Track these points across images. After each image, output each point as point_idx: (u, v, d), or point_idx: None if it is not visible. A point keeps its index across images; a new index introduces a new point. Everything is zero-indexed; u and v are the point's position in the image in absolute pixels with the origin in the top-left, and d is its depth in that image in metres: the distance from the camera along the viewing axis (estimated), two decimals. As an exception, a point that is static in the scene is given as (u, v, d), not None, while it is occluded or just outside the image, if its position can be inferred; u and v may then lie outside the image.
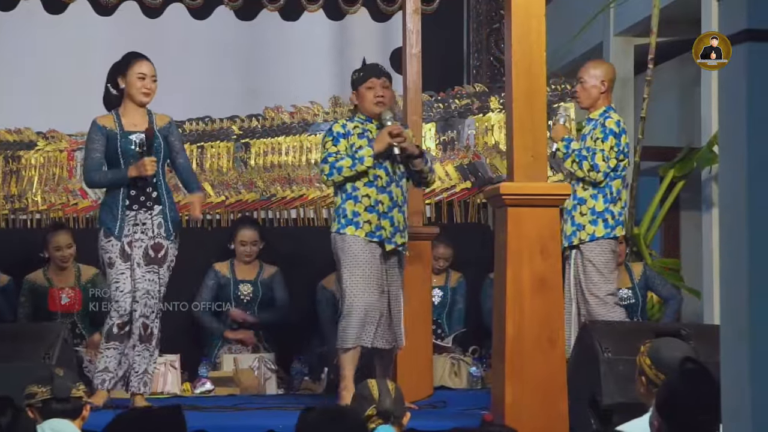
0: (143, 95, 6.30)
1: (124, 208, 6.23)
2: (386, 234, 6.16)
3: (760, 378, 2.82)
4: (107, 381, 6.20)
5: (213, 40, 8.97)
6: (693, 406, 3.39)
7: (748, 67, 2.88)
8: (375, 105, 6.22)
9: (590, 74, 6.81)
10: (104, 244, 6.25)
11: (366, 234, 6.14)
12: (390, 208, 6.19)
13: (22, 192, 8.33)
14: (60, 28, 8.82)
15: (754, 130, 2.86)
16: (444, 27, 9.12)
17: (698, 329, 5.54)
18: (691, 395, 3.40)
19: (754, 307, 2.84)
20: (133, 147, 6.23)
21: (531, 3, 5.42)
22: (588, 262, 6.63)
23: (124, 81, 6.32)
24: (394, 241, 6.19)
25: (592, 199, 6.67)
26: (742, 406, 2.85)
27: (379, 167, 6.19)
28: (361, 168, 6.13)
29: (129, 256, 6.22)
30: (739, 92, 2.90)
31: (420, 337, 6.82)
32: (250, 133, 8.52)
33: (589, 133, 6.76)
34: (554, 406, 5.35)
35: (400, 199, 6.25)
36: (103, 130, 6.27)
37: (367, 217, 6.16)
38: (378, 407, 4.49)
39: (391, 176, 6.22)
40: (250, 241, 7.86)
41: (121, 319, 6.20)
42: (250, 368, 7.37)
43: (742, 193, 2.87)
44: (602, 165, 6.62)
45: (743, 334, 2.86)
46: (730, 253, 2.96)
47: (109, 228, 6.23)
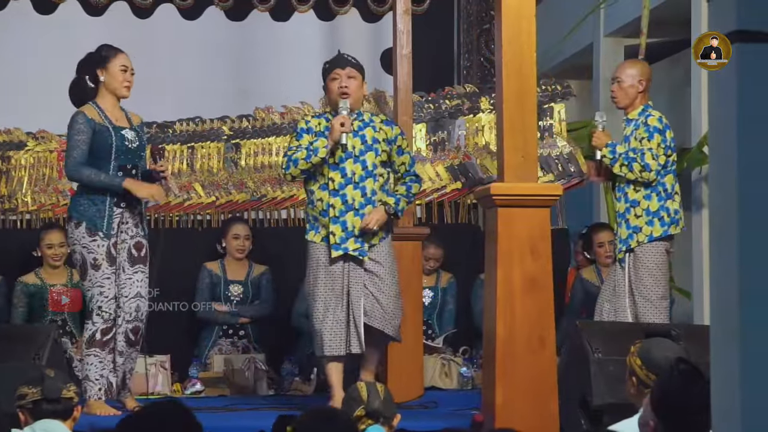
0: (125, 89, 6.17)
1: (113, 205, 6.08)
2: (334, 239, 5.97)
3: (750, 379, 2.82)
4: (89, 390, 6.03)
5: (203, 40, 8.97)
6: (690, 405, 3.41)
7: (738, 68, 2.88)
8: (339, 96, 6.04)
9: (627, 74, 6.72)
10: (88, 242, 6.05)
11: (321, 239, 6.03)
12: (342, 212, 5.99)
13: (11, 192, 8.31)
14: (50, 28, 8.82)
15: (744, 130, 2.87)
16: (434, 27, 9.12)
17: (688, 330, 5.55)
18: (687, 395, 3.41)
19: (744, 308, 2.84)
20: (127, 144, 6.12)
21: (521, 4, 5.43)
22: (641, 265, 6.56)
23: (104, 73, 6.16)
24: (345, 247, 5.98)
25: (645, 200, 6.59)
26: (732, 406, 2.85)
27: (334, 168, 6.01)
28: (316, 159, 5.95)
29: (115, 259, 6.09)
30: (729, 93, 2.90)
31: (410, 337, 6.82)
32: (240, 133, 8.51)
33: (632, 134, 6.67)
34: (545, 407, 5.35)
35: (359, 202, 6.01)
36: (92, 123, 6.09)
37: (322, 221, 6.03)
38: (366, 408, 4.50)
39: (348, 179, 6.01)
40: (243, 235, 7.87)
41: (105, 324, 6.06)
42: (241, 369, 7.36)
43: (732, 193, 2.88)
44: (653, 164, 6.56)
45: (733, 335, 2.86)
46: (720, 254, 2.96)
47: (94, 225, 6.05)
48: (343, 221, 6.00)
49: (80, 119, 6.11)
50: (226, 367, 7.37)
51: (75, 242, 6.12)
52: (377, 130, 6.13)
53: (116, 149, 6.11)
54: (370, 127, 6.13)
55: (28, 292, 7.63)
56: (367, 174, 6.05)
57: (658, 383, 3.59)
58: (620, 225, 6.64)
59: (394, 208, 6.07)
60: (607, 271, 7.90)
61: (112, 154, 6.10)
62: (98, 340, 6.06)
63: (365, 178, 6.04)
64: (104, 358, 6.07)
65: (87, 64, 6.26)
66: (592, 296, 7.84)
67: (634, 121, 6.70)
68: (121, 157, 6.12)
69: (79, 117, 6.13)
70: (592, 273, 7.96)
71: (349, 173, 6.02)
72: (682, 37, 8.99)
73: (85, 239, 6.07)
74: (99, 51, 6.27)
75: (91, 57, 6.27)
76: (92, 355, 6.06)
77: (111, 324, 6.07)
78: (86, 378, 6.07)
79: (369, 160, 6.05)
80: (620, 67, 6.86)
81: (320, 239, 6.04)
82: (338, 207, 6.01)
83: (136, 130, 6.21)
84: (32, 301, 7.62)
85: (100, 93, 6.21)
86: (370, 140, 6.08)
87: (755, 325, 2.84)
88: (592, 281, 7.90)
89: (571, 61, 10.71)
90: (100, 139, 6.10)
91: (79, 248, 6.09)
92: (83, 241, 6.07)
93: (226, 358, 7.46)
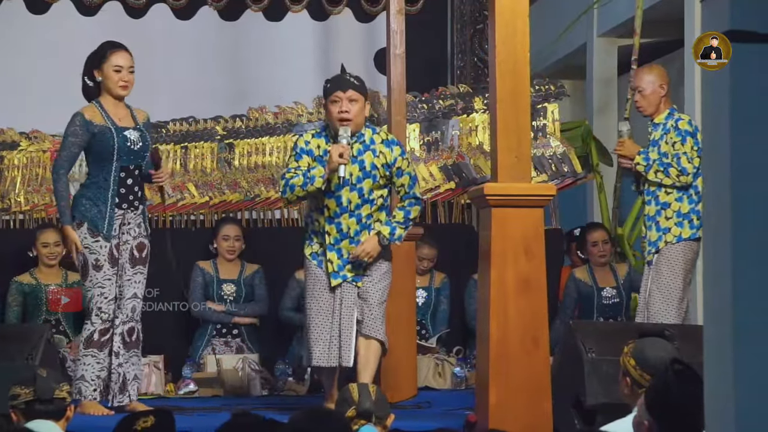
0: (121, 88, 6.09)
1: (113, 206, 6.04)
2: (332, 267, 5.93)
3: (743, 379, 2.83)
4: (84, 391, 6.00)
5: (197, 40, 8.96)
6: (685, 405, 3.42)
7: (731, 68, 2.89)
8: (338, 121, 5.87)
9: (647, 81, 6.70)
10: (90, 243, 6.01)
11: (317, 265, 5.99)
12: (337, 240, 5.93)
13: (5, 193, 8.30)
14: (43, 28, 8.80)
15: (737, 131, 2.87)
16: (428, 28, 9.12)
17: (682, 330, 5.55)
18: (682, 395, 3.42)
19: (737, 308, 2.85)
20: (129, 145, 6.07)
21: (515, 4, 5.43)
22: (665, 261, 6.55)
23: (100, 74, 6.11)
24: (343, 275, 5.94)
25: (677, 202, 6.60)
26: (725, 406, 2.85)
27: (330, 196, 5.90)
28: (312, 188, 5.84)
29: (117, 260, 6.06)
30: (723, 93, 2.90)
31: (404, 337, 6.82)
32: (234, 133, 8.50)
33: (662, 138, 6.65)
34: (538, 407, 5.36)
35: (354, 230, 5.93)
36: (90, 125, 6.02)
37: (317, 240, 6.01)
38: (358, 408, 4.50)
39: (344, 207, 5.91)
40: (233, 236, 7.85)
41: (104, 325, 6.02)
42: (234, 369, 7.35)
43: (725, 193, 2.88)
44: (689, 167, 6.56)
45: (727, 335, 2.86)
46: (713, 254, 2.97)
47: (96, 226, 6.01)
48: (338, 249, 5.96)
49: (77, 121, 6.05)
50: (219, 367, 7.36)
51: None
52: (377, 154, 5.97)
53: (118, 150, 6.05)
54: (370, 150, 5.97)
55: (22, 292, 7.62)
56: (363, 201, 5.95)
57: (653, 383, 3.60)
58: (650, 228, 6.64)
59: (389, 239, 5.98)
60: (600, 271, 7.92)
61: (114, 155, 6.05)
62: (96, 341, 6.03)
63: (361, 206, 5.95)
64: (101, 359, 6.04)
65: (87, 64, 6.20)
66: (584, 296, 7.85)
67: (662, 125, 6.70)
68: (123, 158, 6.07)
69: (77, 119, 6.06)
70: (585, 273, 7.97)
71: (344, 202, 5.92)
72: (676, 37, 9.00)
73: (87, 240, 6.02)
74: (99, 49, 6.19)
75: (91, 56, 6.21)
76: (89, 356, 6.03)
77: (109, 325, 6.04)
78: (82, 378, 6.04)
79: (366, 187, 5.95)
80: (638, 77, 6.84)
81: (315, 266, 5.99)
82: (333, 235, 5.95)
83: (140, 129, 6.15)
84: (27, 300, 7.62)
85: (101, 93, 6.16)
86: (369, 166, 5.95)
87: (748, 325, 2.84)
88: (585, 281, 7.91)
89: (564, 61, 10.73)
90: (101, 140, 6.04)
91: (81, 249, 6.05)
92: (85, 242, 6.02)
93: (220, 358, 7.45)
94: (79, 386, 6.01)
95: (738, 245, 2.85)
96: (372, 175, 5.95)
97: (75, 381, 6.03)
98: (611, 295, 7.85)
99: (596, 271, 7.91)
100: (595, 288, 7.86)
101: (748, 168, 2.86)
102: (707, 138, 3.05)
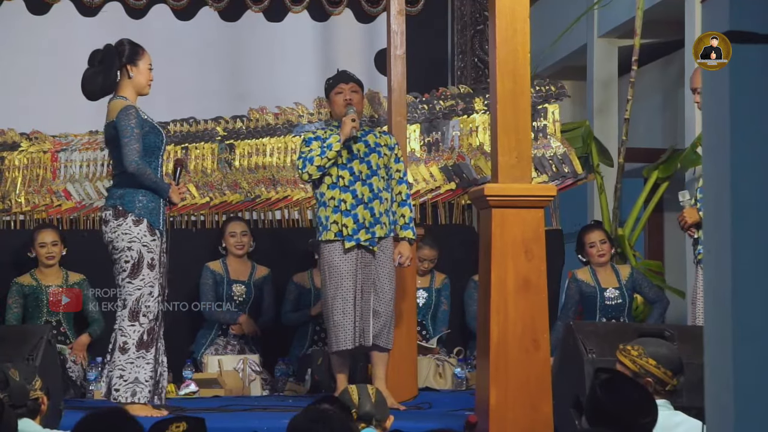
0: (149, 87, 6.09)
1: (165, 204, 5.99)
2: (347, 231, 6.37)
3: (743, 379, 2.83)
4: (138, 393, 5.91)
5: (197, 41, 8.95)
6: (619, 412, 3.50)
7: (731, 69, 2.89)
8: (344, 107, 6.47)
9: None
10: (149, 241, 5.90)
11: (334, 234, 6.38)
12: (353, 206, 6.40)
13: (5, 193, 8.30)
14: (43, 28, 8.80)
15: (737, 131, 2.87)
16: (428, 28, 9.12)
17: (682, 330, 5.55)
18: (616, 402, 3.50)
19: (737, 308, 2.85)
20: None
21: (516, 5, 5.43)
22: None
23: (134, 69, 6.02)
24: (357, 238, 6.37)
25: None
26: (726, 406, 2.86)
27: (343, 168, 6.43)
28: (331, 154, 6.35)
29: (163, 262, 6.02)
30: (723, 93, 2.91)
31: (404, 338, 6.82)
32: (234, 134, 8.51)
33: None
34: (538, 407, 5.36)
35: (368, 197, 6.42)
36: (142, 120, 5.92)
37: (333, 218, 6.40)
38: (358, 411, 4.51)
39: (356, 176, 6.43)
40: (239, 232, 7.87)
41: (150, 325, 5.93)
42: (235, 370, 7.36)
43: (725, 194, 2.88)
44: None
45: (727, 336, 2.87)
46: (714, 254, 2.97)
47: (154, 223, 5.92)
48: (354, 214, 6.39)
49: (134, 113, 5.91)
50: (219, 368, 7.36)
51: (133, 239, 5.90)
52: (378, 136, 6.60)
53: (162, 148, 6.04)
54: (372, 134, 6.60)
55: (23, 293, 7.62)
56: (372, 173, 6.46)
57: (588, 397, 3.68)
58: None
59: (414, 237, 6.59)
60: (602, 272, 7.91)
61: (161, 151, 6.03)
62: (145, 342, 5.94)
63: (371, 176, 6.46)
64: (150, 359, 5.95)
65: (115, 57, 6.02)
66: (587, 297, 7.84)
67: None
68: (161, 156, 6.07)
69: (133, 110, 5.91)
70: (587, 273, 7.96)
71: (356, 172, 6.44)
72: (676, 38, 9.01)
73: (146, 237, 5.92)
74: (128, 46, 6.07)
75: (119, 50, 6.05)
76: (141, 357, 5.94)
77: (154, 324, 5.96)
78: (136, 381, 5.91)
79: (373, 161, 6.48)
80: (697, 77, 6.75)
81: (333, 235, 6.37)
82: (349, 201, 6.40)
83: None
84: (27, 301, 7.62)
85: (123, 88, 6.04)
86: (373, 144, 6.53)
87: (749, 325, 2.84)
88: (587, 282, 7.90)
89: (564, 62, 10.73)
90: (150, 137, 5.97)
91: (138, 246, 5.91)
92: (144, 240, 5.92)
93: (220, 359, 7.45)
94: (134, 388, 5.92)
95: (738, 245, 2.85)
96: (377, 150, 6.53)
97: (127, 384, 5.92)
98: (614, 295, 7.85)
99: (598, 271, 7.90)
100: (598, 288, 7.85)
101: (747, 168, 2.86)
102: (707, 138, 3.05)
